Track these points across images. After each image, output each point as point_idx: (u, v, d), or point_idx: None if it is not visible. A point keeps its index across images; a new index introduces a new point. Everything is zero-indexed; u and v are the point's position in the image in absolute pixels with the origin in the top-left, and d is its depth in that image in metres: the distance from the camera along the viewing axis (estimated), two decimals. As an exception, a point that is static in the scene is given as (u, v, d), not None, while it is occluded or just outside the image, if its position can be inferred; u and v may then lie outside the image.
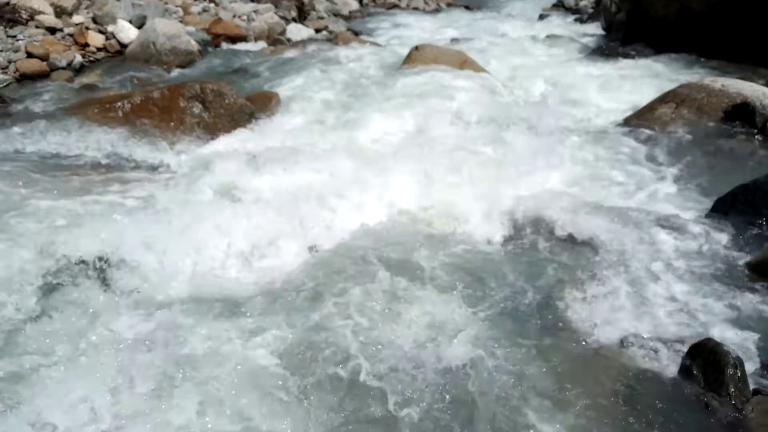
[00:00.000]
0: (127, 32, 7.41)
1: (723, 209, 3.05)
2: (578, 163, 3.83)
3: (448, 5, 17.49)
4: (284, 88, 5.62)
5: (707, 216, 3.11)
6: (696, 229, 2.98)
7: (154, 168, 3.84)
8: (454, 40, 9.04)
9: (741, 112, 4.09)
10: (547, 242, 3.00)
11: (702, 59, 6.89)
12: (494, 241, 3.05)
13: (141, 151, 4.03)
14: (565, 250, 2.93)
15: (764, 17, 6.43)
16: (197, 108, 4.57)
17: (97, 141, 4.14)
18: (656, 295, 2.54)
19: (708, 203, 3.21)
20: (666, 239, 2.89)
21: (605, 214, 3.08)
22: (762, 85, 4.84)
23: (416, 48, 6.49)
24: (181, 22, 8.34)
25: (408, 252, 2.78)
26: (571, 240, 3.01)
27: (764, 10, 6.38)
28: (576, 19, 12.60)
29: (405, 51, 6.72)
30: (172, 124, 4.39)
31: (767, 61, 6.32)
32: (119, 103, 4.56)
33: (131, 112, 4.50)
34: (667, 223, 3.02)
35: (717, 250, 2.84)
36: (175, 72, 6.64)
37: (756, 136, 3.90)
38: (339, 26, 11.22)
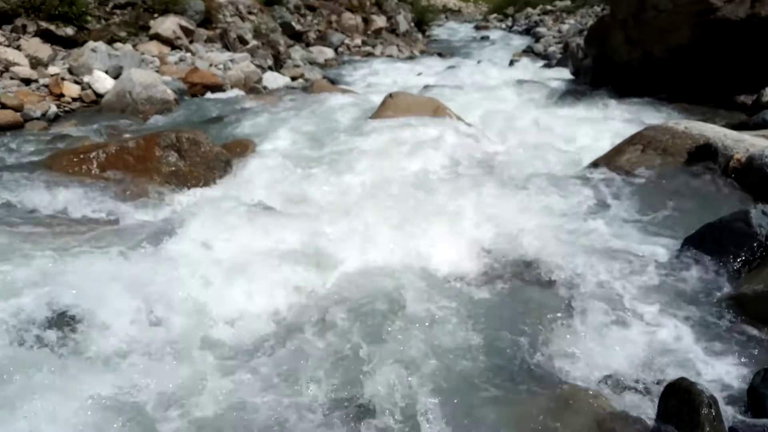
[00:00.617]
0: (103, 82, 7.46)
1: (692, 247, 3.12)
2: (549, 205, 3.90)
3: (422, 53, 18.01)
4: (260, 136, 5.68)
5: (678, 254, 3.17)
6: (667, 267, 3.04)
7: (128, 219, 3.80)
8: (427, 87, 9.26)
9: (704, 153, 4.22)
10: (520, 282, 3.03)
11: (666, 102, 7.16)
12: (467, 283, 3.06)
13: (115, 202, 3.99)
14: (537, 290, 2.95)
15: (720, 62, 6.74)
16: (173, 157, 4.58)
17: (71, 193, 4.03)
18: (631, 334, 2.56)
19: (678, 242, 3.28)
20: (639, 278, 2.94)
21: (577, 253, 3.14)
22: (722, 126, 5.04)
23: (390, 96, 6.64)
24: (157, 71, 8.44)
25: (381, 299, 2.77)
26: (543, 280, 3.04)
27: (719, 56, 6.69)
28: (545, 65, 13.04)
29: (379, 98, 6.85)
30: (148, 173, 4.38)
31: (726, 103, 6.60)
32: (93, 154, 4.54)
33: (106, 163, 4.48)
34: (638, 262, 3.07)
35: (689, 288, 2.89)
36: (151, 121, 6.66)
37: (719, 176, 4.02)
38: (315, 74, 11.44)
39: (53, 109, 6.72)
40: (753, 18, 6.20)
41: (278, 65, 11.48)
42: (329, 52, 14.73)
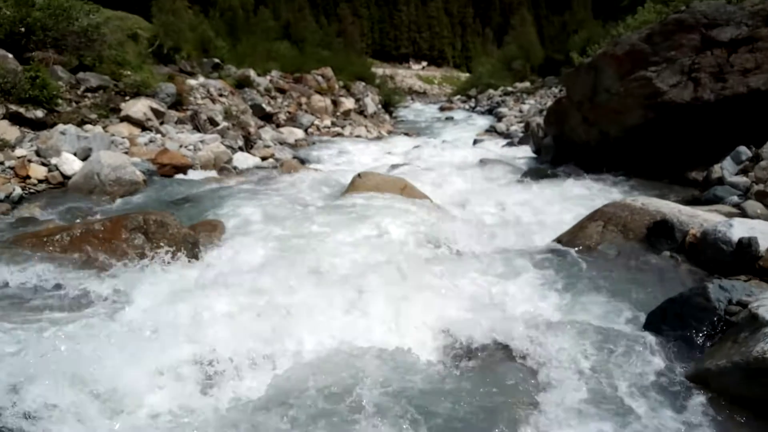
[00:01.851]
0: (70, 164, 7.44)
1: (655, 323, 3.18)
2: (514, 282, 3.95)
3: (389, 133, 18.57)
4: (228, 217, 5.69)
5: (642, 330, 3.22)
6: (632, 343, 3.07)
7: (90, 303, 3.70)
8: (395, 166, 9.49)
9: (661, 229, 4.38)
10: (484, 361, 3.01)
11: (624, 178, 7.47)
12: (433, 363, 3.03)
13: (79, 285, 3.89)
14: (503, 368, 2.94)
15: (672, 141, 7.13)
16: (139, 239, 4.54)
17: (33, 276, 3.96)
18: (599, 412, 2.55)
19: (641, 317, 3.34)
20: (604, 355, 2.96)
21: (542, 330, 3.15)
22: (677, 202, 5.27)
23: (359, 175, 6.79)
24: (126, 153, 8.48)
25: (349, 381, 2.72)
26: (508, 357, 3.04)
27: (671, 135, 7.08)
28: (508, 143, 13.56)
29: (348, 178, 6.99)
30: (113, 256, 4.31)
31: (679, 179, 6.91)
32: (58, 236, 4.47)
33: (70, 245, 4.41)
34: (604, 339, 3.10)
35: (655, 364, 2.91)
36: (119, 202, 6.63)
37: (677, 251, 4.16)
38: (285, 154, 11.64)
39: (18, 191, 6.63)
40: (696, 101, 6.64)
41: (249, 146, 11.67)
42: (299, 133, 15.09)
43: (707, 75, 6.65)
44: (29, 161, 7.35)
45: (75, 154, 7.73)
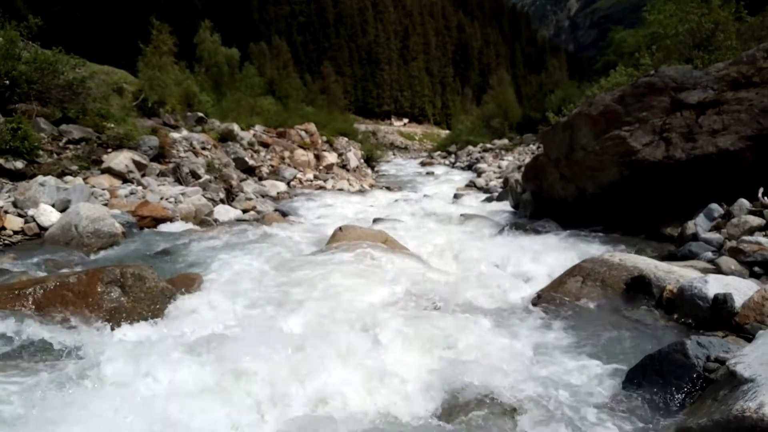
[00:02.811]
0: (48, 215, 7.36)
1: (636, 380, 3.17)
2: (494, 337, 3.92)
3: (371, 186, 18.75)
4: (207, 270, 5.63)
5: (623, 387, 3.20)
6: (614, 401, 3.05)
7: (62, 358, 3.58)
8: (376, 219, 9.53)
9: (639, 285, 4.44)
10: (467, 416, 2.96)
11: (602, 234, 7.57)
12: (411, 420, 2.97)
13: (50, 340, 3.78)
14: (481, 423, 2.89)
15: (647, 197, 7.30)
16: (116, 293, 4.45)
17: (3, 330, 3.86)
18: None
19: (621, 373, 3.33)
20: (586, 413, 2.93)
21: (523, 388, 3.12)
22: (653, 257, 5.35)
23: (340, 228, 6.81)
24: (106, 205, 8.42)
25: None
26: (489, 414, 2.98)
27: (646, 192, 7.26)
28: (487, 198, 13.75)
29: (330, 230, 6.99)
30: (88, 310, 4.21)
31: (656, 235, 7.04)
32: (30, 290, 4.35)
33: (43, 299, 4.29)
34: (585, 397, 3.08)
35: (637, 422, 2.89)
36: (97, 255, 6.53)
37: (655, 306, 4.20)
38: (267, 207, 11.66)
39: (-8, 242, 6.53)
40: (669, 159, 6.84)
41: (230, 198, 11.68)
42: (282, 186, 15.17)
43: (678, 135, 6.89)
44: (5, 212, 7.26)
45: (53, 206, 7.67)
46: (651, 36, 18.26)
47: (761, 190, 5.80)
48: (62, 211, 7.55)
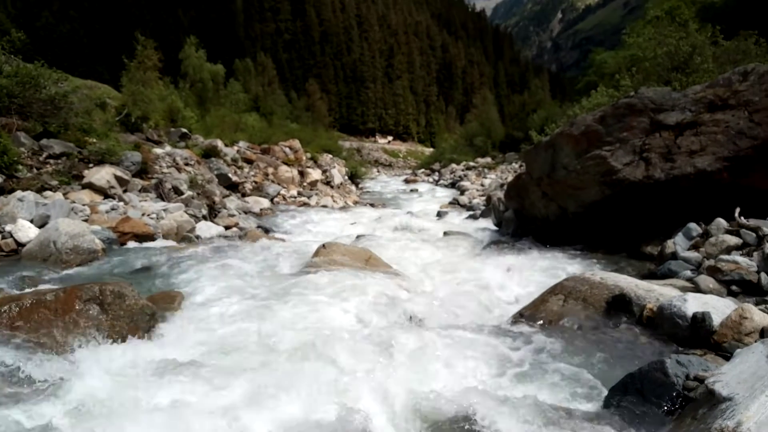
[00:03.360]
0: (26, 231, 7.25)
1: (617, 399, 3.18)
2: (476, 357, 3.91)
3: (355, 203, 18.76)
4: (188, 287, 5.57)
5: (604, 405, 3.21)
6: (595, 420, 3.05)
7: (38, 380, 3.50)
8: (360, 236, 9.53)
9: (620, 303, 4.48)
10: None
11: (583, 252, 7.64)
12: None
13: (26, 360, 3.68)
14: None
15: (628, 216, 7.40)
16: (94, 311, 4.37)
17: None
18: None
19: (603, 392, 3.34)
20: (569, 432, 2.94)
21: (505, 408, 3.11)
22: (634, 276, 5.41)
23: (323, 246, 6.79)
24: (86, 220, 8.32)
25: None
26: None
27: (627, 211, 7.36)
28: (470, 216, 13.81)
29: (313, 248, 6.97)
30: (65, 329, 4.13)
31: (636, 253, 7.12)
32: (6, 307, 4.25)
33: (18, 317, 4.20)
34: (568, 416, 3.07)
35: (619, 442, 2.90)
36: (75, 271, 6.42)
37: (635, 324, 4.24)
38: (250, 223, 11.58)
39: (-33, 259, 6.41)
40: (648, 179, 6.95)
41: (213, 214, 11.60)
42: (265, 202, 15.11)
43: (657, 155, 7.01)
44: (-18, 228, 7.14)
45: (32, 221, 7.55)
46: (631, 58, 18.65)
47: (738, 210, 5.91)
48: (41, 226, 7.43)
